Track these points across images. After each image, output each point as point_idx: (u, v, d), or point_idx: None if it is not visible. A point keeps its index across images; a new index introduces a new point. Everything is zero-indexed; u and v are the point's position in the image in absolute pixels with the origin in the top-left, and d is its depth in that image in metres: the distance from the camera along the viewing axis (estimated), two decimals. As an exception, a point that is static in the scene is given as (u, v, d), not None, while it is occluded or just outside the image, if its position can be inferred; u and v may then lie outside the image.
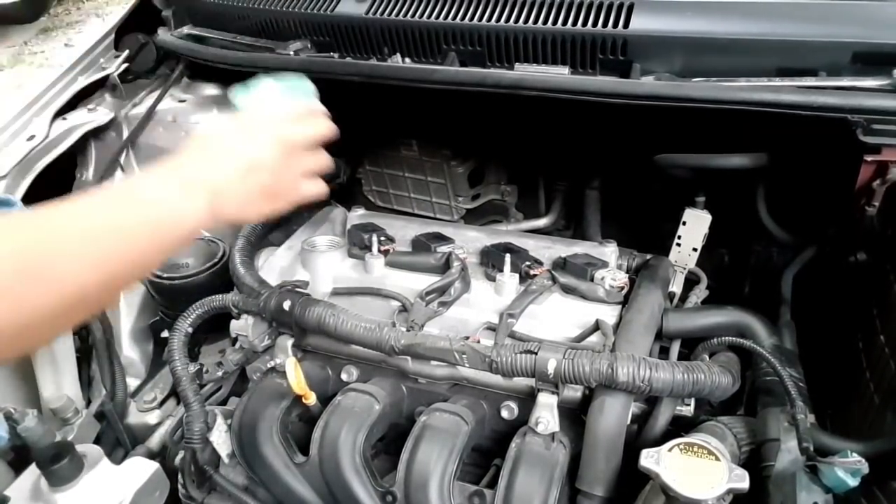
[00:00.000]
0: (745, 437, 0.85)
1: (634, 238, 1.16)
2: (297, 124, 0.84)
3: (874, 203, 0.88)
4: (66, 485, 0.83)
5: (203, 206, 0.73)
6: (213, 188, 0.74)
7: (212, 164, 0.77)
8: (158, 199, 0.71)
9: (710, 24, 0.94)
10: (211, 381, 1.08)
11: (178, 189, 0.72)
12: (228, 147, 0.79)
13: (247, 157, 0.78)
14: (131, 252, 0.67)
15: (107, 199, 0.69)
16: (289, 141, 0.82)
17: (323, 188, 0.87)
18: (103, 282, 0.65)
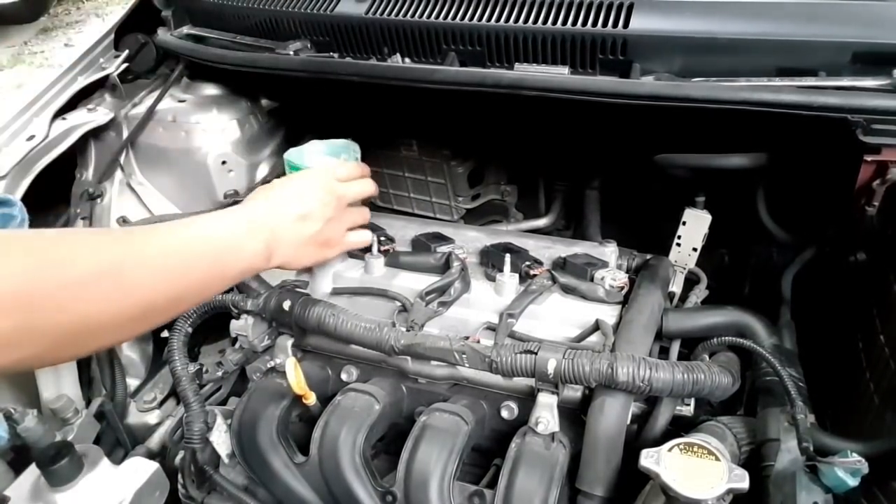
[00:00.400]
0: (745, 437, 0.85)
1: (634, 238, 1.16)
2: (345, 182, 0.97)
3: (874, 203, 0.88)
4: (66, 485, 0.83)
5: (262, 247, 0.84)
6: (272, 232, 0.85)
7: (273, 211, 0.88)
8: (226, 233, 0.81)
9: (710, 24, 0.94)
10: (211, 381, 1.08)
11: (243, 228, 0.83)
12: (287, 197, 0.90)
13: (302, 208, 0.90)
14: (195, 276, 0.76)
15: (182, 226, 0.78)
16: (338, 196, 0.94)
17: (367, 237, 1.02)
18: (168, 298, 0.73)
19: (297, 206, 0.90)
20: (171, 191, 1.35)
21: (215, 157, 1.35)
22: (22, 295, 0.58)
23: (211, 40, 1.34)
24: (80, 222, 1.28)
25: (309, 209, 0.90)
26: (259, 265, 0.86)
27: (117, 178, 1.33)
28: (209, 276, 0.78)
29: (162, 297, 0.72)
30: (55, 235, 0.68)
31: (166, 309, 0.75)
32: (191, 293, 0.77)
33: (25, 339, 0.59)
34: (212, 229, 0.80)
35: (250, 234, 0.83)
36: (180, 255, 0.74)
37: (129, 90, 1.40)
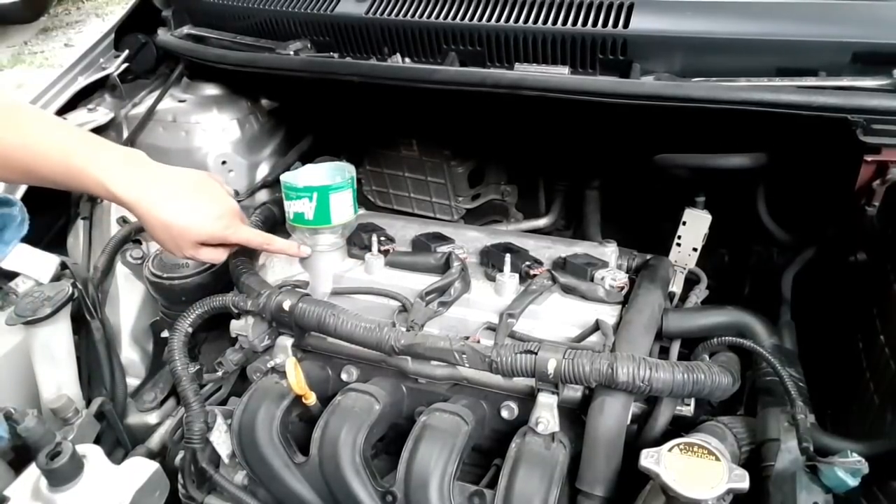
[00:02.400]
0: (745, 437, 0.85)
1: (634, 238, 1.16)
2: (241, 233, 0.98)
3: (874, 203, 0.88)
4: (66, 485, 0.83)
5: (122, 182, 0.88)
6: (146, 184, 0.89)
7: (167, 176, 0.92)
8: (97, 148, 0.89)
9: (710, 24, 0.94)
10: (211, 381, 1.08)
11: (121, 157, 0.90)
12: (189, 179, 0.94)
13: (193, 205, 0.93)
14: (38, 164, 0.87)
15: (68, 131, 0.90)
16: (227, 227, 0.96)
17: (220, 257, 1.00)
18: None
19: (192, 190, 0.93)
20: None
21: (215, 157, 1.35)
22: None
23: (211, 40, 1.34)
24: (80, 222, 1.28)
25: (198, 200, 0.93)
26: (103, 191, 0.88)
27: (117, 178, 1.33)
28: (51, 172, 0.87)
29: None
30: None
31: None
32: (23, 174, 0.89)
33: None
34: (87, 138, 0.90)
35: (121, 166, 0.88)
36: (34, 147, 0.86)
37: (129, 90, 1.41)
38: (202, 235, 0.94)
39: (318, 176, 1.05)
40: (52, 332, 1.03)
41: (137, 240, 1.26)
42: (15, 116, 0.89)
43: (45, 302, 1.01)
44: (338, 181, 1.02)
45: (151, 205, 0.90)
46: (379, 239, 1.08)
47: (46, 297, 1.02)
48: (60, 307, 1.01)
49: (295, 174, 1.06)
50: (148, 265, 1.15)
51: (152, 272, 1.13)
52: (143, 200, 0.90)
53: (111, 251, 1.21)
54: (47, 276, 1.10)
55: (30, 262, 1.10)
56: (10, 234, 1.07)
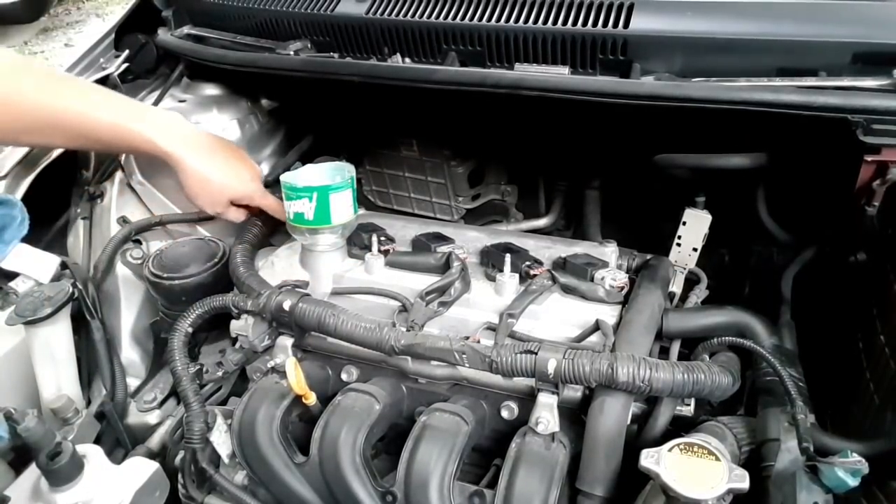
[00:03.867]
0: (745, 437, 0.85)
1: (634, 238, 1.16)
2: (266, 198, 1.12)
3: (874, 203, 0.88)
4: (66, 485, 0.83)
5: (169, 138, 1.00)
6: (190, 142, 1.02)
7: (206, 137, 1.04)
8: (144, 110, 1.02)
9: (710, 24, 0.94)
10: (211, 381, 1.08)
11: (166, 118, 1.02)
12: (224, 142, 1.07)
13: (228, 164, 1.06)
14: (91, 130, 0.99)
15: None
16: (253, 189, 1.10)
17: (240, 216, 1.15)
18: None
19: (225, 149, 1.05)
20: (171, 191, 1.35)
21: (215, 157, 1.35)
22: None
23: (211, 40, 1.34)
24: (80, 222, 1.28)
25: (228, 161, 1.05)
26: (147, 146, 1.01)
27: (117, 178, 1.33)
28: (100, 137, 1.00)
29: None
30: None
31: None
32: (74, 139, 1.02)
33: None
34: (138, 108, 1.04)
35: (164, 125, 1.01)
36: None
37: (130, 90, 1.40)
38: (236, 194, 1.05)
39: (318, 176, 1.05)
40: (52, 332, 1.03)
41: (137, 240, 1.26)
42: (69, 86, 1.01)
43: (45, 302, 1.00)
44: (338, 181, 1.02)
45: (195, 160, 1.02)
46: (379, 239, 1.08)
47: (46, 297, 1.01)
48: (60, 307, 1.01)
49: (295, 174, 1.07)
50: (148, 265, 1.15)
51: (152, 272, 1.13)
52: (188, 156, 1.01)
53: (111, 251, 1.21)
54: (47, 276, 1.10)
55: (30, 262, 1.10)
56: (10, 234, 1.07)
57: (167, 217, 1.29)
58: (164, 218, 1.29)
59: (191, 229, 1.32)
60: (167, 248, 1.17)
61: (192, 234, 1.30)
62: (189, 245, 1.18)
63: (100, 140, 1.01)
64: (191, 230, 1.32)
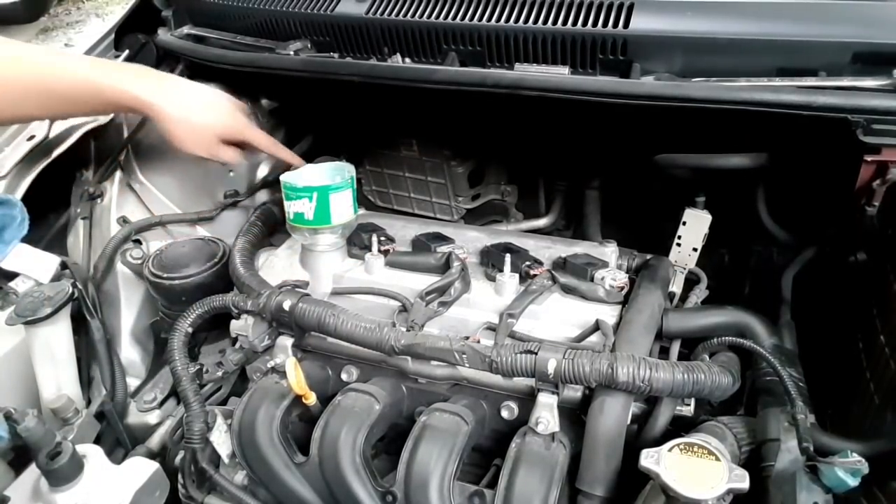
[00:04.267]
0: (745, 437, 0.85)
1: (634, 238, 1.16)
2: (251, 128, 1.10)
3: (874, 203, 0.88)
4: (66, 485, 0.83)
5: (144, 88, 1.00)
6: (165, 88, 1.02)
7: (180, 81, 1.05)
8: (115, 67, 1.03)
9: (710, 24, 0.94)
10: (211, 381, 1.08)
11: (135, 69, 1.05)
12: (199, 84, 1.06)
13: (207, 101, 1.05)
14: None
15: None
16: (237, 123, 1.07)
17: (235, 157, 1.12)
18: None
19: (203, 99, 1.04)
20: (171, 191, 1.35)
21: (215, 157, 1.35)
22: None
23: (211, 40, 1.34)
24: (80, 222, 1.28)
25: (212, 105, 1.05)
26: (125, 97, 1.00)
27: (117, 178, 1.33)
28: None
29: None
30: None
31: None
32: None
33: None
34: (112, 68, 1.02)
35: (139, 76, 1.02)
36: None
37: (130, 90, 1.40)
38: (222, 130, 1.03)
39: (318, 176, 1.05)
40: (52, 332, 1.03)
41: (137, 240, 1.26)
42: (38, 52, 1.00)
43: (45, 302, 1.00)
44: (338, 181, 1.02)
45: (174, 105, 1.00)
46: (379, 239, 1.08)
47: (46, 297, 1.01)
48: (60, 307, 1.01)
49: (295, 174, 1.07)
50: (148, 265, 1.15)
51: (152, 272, 1.13)
52: (167, 103, 1.00)
53: (111, 251, 1.21)
54: (47, 276, 1.10)
55: (30, 262, 1.10)
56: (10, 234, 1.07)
57: (167, 217, 1.29)
58: (164, 218, 1.29)
59: (191, 229, 1.32)
60: (167, 248, 1.17)
61: (192, 234, 1.30)
62: (189, 245, 1.18)
63: (76, 100, 0.99)
64: (191, 230, 1.32)
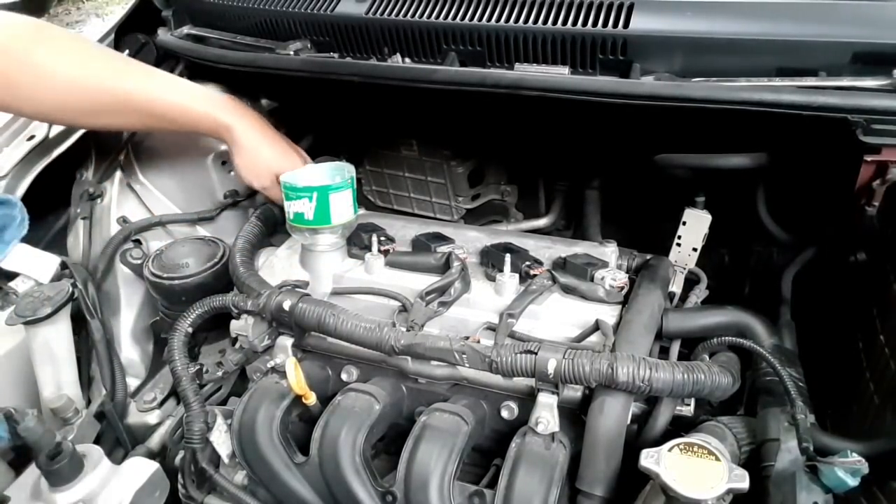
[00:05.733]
0: (745, 437, 0.85)
1: (634, 238, 1.16)
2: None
3: (874, 203, 0.88)
4: (66, 485, 0.83)
5: (229, 117, 1.10)
6: (246, 121, 1.11)
7: (257, 118, 1.14)
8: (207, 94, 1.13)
9: (710, 24, 0.94)
10: (211, 381, 1.08)
11: (226, 99, 1.13)
12: (276, 139, 1.15)
13: (274, 141, 1.14)
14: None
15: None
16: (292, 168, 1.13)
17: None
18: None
19: (279, 147, 1.14)
20: (171, 191, 1.35)
21: (215, 157, 1.35)
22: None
23: (211, 40, 1.34)
24: (80, 222, 1.28)
25: (282, 154, 1.14)
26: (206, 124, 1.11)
27: (117, 178, 1.33)
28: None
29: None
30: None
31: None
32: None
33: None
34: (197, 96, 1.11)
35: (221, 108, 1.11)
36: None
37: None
38: (277, 168, 1.10)
39: (318, 176, 1.05)
40: (52, 332, 1.03)
41: (137, 240, 1.26)
42: (134, 68, 1.10)
43: (45, 302, 1.01)
44: (338, 181, 1.02)
45: (249, 137, 1.10)
46: (379, 239, 1.08)
47: (46, 297, 1.02)
48: (60, 307, 1.01)
49: (295, 174, 1.07)
50: (148, 265, 1.15)
51: (152, 272, 1.13)
52: (243, 134, 1.10)
53: (111, 251, 1.21)
54: (47, 276, 1.10)
55: (30, 262, 1.10)
56: (10, 234, 1.07)
57: (167, 217, 1.29)
58: (164, 218, 1.29)
59: (191, 229, 1.32)
60: (167, 248, 1.17)
61: (192, 234, 1.30)
62: (189, 245, 1.18)
63: (164, 119, 1.09)
64: (191, 230, 1.32)
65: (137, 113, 1.08)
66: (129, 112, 1.08)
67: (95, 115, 1.08)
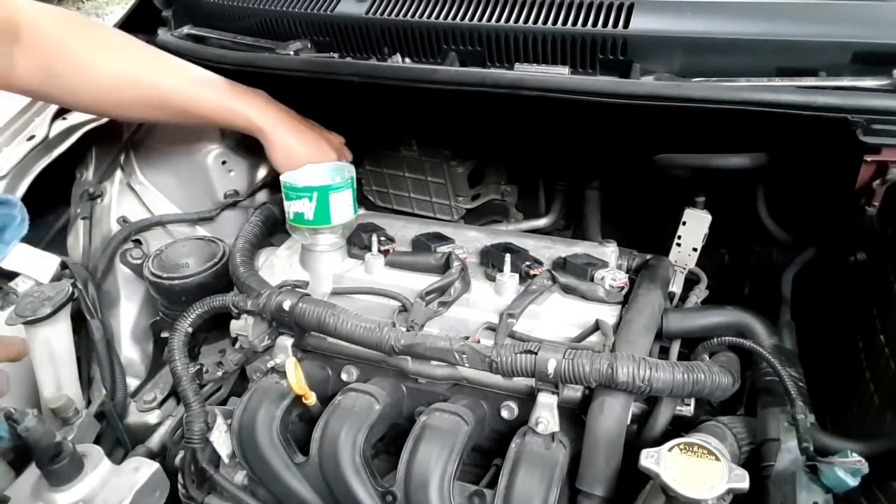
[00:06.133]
0: (745, 437, 0.85)
1: (634, 238, 1.16)
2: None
3: (874, 203, 0.88)
4: (66, 485, 0.83)
5: (262, 114, 1.13)
6: (279, 117, 1.15)
7: (291, 114, 1.18)
8: (241, 90, 1.15)
9: (710, 24, 0.94)
10: (211, 381, 1.08)
11: (260, 95, 1.16)
12: (309, 123, 1.20)
13: (307, 133, 1.18)
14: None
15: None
16: (325, 160, 1.17)
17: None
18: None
19: (315, 141, 1.19)
20: (171, 191, 1.35)
21: (215, 157, 1.35)
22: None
23: (211, 40, 1.34)
24: (80, 222, 1.28)
25: (317, 148, 1.18)
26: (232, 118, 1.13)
27: (117, 178, 1.33)
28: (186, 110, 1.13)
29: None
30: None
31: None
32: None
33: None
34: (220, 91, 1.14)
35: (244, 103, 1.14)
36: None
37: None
38: (315, 161, 1.12)
39: (318, 176, 1.05)
40: (52, 332, 1.03)
41: (137, 240, 1.26)
42: (175, 65, 1.12)
43: (45, 302, 1.01)
44: (338, 181, 1.02)
45: (283, 135, 1.13)
46: (379, 239, 1.08)
47: (46, 297, 1.01)
48: (60, 307, 1.01)
49: (295, 174, 1.07)
50: (148, 265, 1.15)
51: (152, 272, 1.13)
52: (278, 132, 1.13)
53: (111, 251, 1.21)
54: (47, 276, 1.10)
55: (30, 262, 1.10)
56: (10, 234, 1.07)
57: (167, 217, 1.29)
58: (164, 218, 1.29)
59: (191, 229, 1.32)
60: (167, 248, 1.17)
61: (192, 234, 1.30)
62: (189, 245, 1.18)
63: (200, 116, 1.13)
64: (191, 230, 1.32)
65: (174, 109, 1.11)
66: (165, 107, 1.11)
67: (132, 108, 1.11)
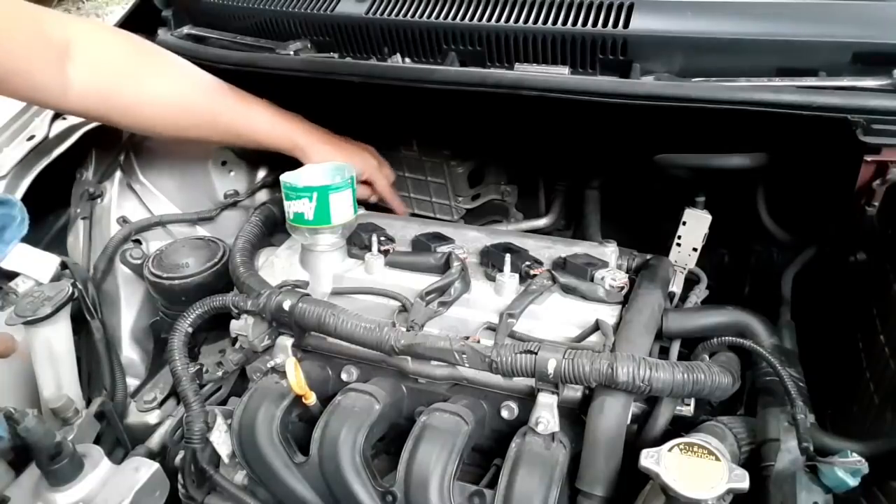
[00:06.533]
0: (745, 437, 0.85)
1: (634, 238, 1.16)
2: (375, 169, 1.29)
3: (874, 203, 0.88)
4: (66, 485, 0.84)
5: (306, 139, 1.21)
6: (320, 138, 1.23)
7: (326, 133, 1.25)
8: (287, 116, 1.23)
9: (710, 24, 0.94)
10: (211, 381, 1.08)
11: (300, 121, 1.24)
12: (343, 148, 1.26)
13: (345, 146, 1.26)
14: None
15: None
16: (365, 168, 1.27)
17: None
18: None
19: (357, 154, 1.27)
20: (171, 191, 1.35)
21: (215, 157, 1.35)
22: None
23: (211, 40, 1.34)
24: (80, 222, 1.28)
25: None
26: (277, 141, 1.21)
27: (117, 178, 1.33)
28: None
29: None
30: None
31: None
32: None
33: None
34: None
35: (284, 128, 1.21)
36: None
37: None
38: (361, 172, 1.21)
39: (318, 176, 1.05)
40: (52, 332, 1.03)
41: (137, 240, 1.26)
42: (226, 91, 1.18)
43: (45, 302, 1.01)
44: (338, 181, 1.02)
45: (321, 153, 1.20)
46: (379, 239, 1.08)
47: (46, 297, 1.01)
48: (60, 307, 1.01)
49: (295, 174, 1.07)
50: (148, 265, 1.15)
51: (152, 272, 1.13)
52: (317, 151, 1.20)
53: (111, 251, 1.21)
54: (47, 276, 1.10)
55: (30, 262, 1.10)
56: (10, 234, 1.07)
57: (167, 217, 1.29)
58: (164, 218, 1.29)
59: (191, 229, 1.32)
60: (167, 248, 1.17)
61: (192, 234, 1.30)
62: (189, 245, 1.18)
63: (248, 139, 1.20)
64: (191, 230, 1.32)
65: (224, 132, 1.19)
66: (216, 131, 1.18)
67: (186, 130, 1.17)
